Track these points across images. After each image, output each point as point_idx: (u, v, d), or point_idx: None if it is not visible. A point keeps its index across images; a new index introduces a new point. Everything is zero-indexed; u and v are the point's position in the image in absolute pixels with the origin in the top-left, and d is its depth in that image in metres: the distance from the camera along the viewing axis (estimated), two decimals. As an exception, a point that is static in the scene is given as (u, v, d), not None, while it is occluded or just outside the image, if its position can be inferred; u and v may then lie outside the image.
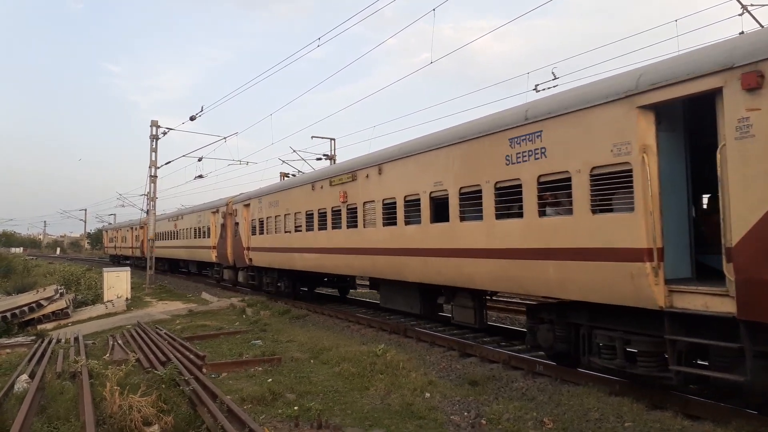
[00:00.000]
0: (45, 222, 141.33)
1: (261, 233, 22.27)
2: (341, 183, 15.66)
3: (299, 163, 37.29)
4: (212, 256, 29.20)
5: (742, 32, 7.34)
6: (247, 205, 24.09)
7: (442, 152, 11.37)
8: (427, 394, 8.59)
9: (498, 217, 9.77)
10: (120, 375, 8.31)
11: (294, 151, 31.22)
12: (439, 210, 11.58)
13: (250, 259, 23.50)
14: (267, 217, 21.68)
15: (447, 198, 11.14)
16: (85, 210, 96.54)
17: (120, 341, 13.69)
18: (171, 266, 43.77)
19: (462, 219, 10.77)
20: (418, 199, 12.05)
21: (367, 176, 14.29)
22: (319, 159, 33.32)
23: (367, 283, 20.01)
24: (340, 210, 15.75)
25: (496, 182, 9.79)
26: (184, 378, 8.74)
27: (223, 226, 27.07)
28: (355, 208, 14.82)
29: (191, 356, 10.91)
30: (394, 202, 13.04)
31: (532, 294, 10.06)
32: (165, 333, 14.16)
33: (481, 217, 10.19)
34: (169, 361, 10.18)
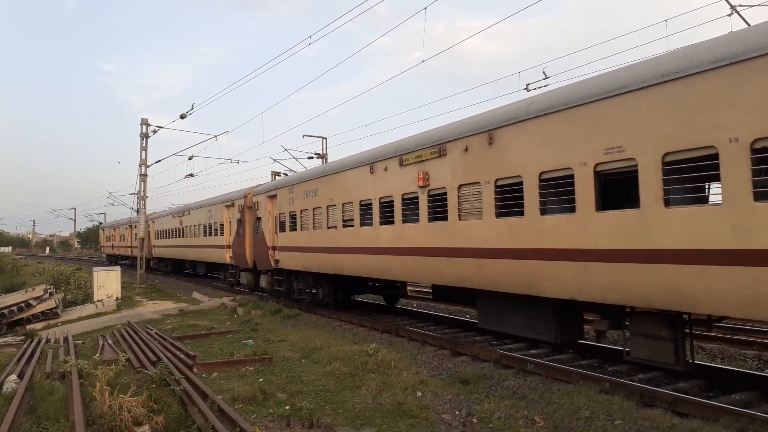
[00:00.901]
0: (34, 221, 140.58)
1: (292, 230, 18.49)
2: (419, 161, 12.06)
3: (290, 162, 36.95)
4: (226, 256, 25.47)
5: (731, 32, 7.36)
6: (273, 197, 20.23)
7: (637, 97, 7.53)
8: (419, 393, 8.61)
9: None
10: (110, 375, 8.27)
11: (285, 149, 31.19)
12: (619, 190, 8.37)
13: (277, 261, 19.76)
14: (301, 210, 17.79)
15: (636, 171, 7.52)
16: (75, 209, 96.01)
17: (110, 341, 13.61)
18: (175, 267, 39.44)
19: (666, 204, 7.21)
20: (570, 176, 8.48)
21: (467, 149, 10.61)
22: (311, 158, 33.25)
23: (427, 290, 19.28)
24: (416, 197, 12.17)
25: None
26: (175, 378, 8.70)
27: (240, 222, 23.32)
28: (444, 193, 11.34)
29: (182, 356, 10.87)
30: (519, 183, 9.44)
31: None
32: (155, 333, 14.09)
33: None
34: (160, 361, 10.13)
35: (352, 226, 14.78)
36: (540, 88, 15.04)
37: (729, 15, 12.06)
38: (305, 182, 17.76)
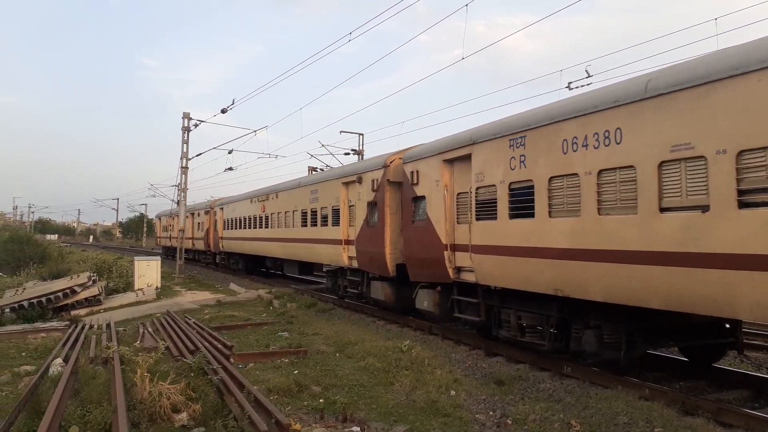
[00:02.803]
0: (79, 210, 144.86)
1: (519, 214, 10.01)
2: None
3: (327, 158, 37.15)
4: (342, 256, 17.57)
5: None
6: (458, 161, 12.02)
7: None
8: (453, 392, 8.56)
9: None
10: (150, 362, 8.45)
11: (322, 145, 31.32)
12: None
13: (459, 270, 12.01)
14: (551, 179, 9.20)
15: None
16: (118, 199, 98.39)
17: (150, 329, 13.95)
18: (249, 265, 31.63)
19: None
20: None
21: None
22: (347, 154, 33.40)
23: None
24: None
25: None
26: (212, 367, 8.86)
27: (373, 205, 15.69)
28: None
29: (219, 346, 11.06)
30: None
31: None
32: (194, 322, 14.38)
33: None
34: (198, 350, 10.34)
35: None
36: (582, 86, 14.75)
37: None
38: (565, 122, 8.94)
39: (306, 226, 21.03)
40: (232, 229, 32.22)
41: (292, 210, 22.81)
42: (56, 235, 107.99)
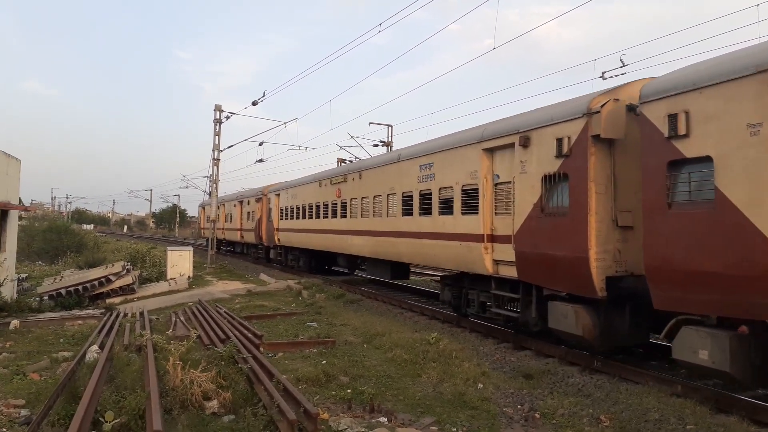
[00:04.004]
0: (114, 201, 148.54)
1: None
2: None
3: (356, 149, 37.08)
4: (483, 259, 11.93)
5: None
6: None
7: None
8: (480, 385, 8.54)
9: None
10: (182, 350, 8.62)
11: (352, 137, 31.36)
12: None
13: None
14: None
15: None
16: (151, 190, 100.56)
17: (182, 318, 14.23)
18: (312, 262, 26.31)
19: None
20: None
21: None
22: (376, 146, 33.39)
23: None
24: None
25: None
26: (243, 356, 8.99)
27: (558, 180, 9.97)
28: None
29: (249, 335, 11.21)
30: None
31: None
32: (224, 311, 14.61)
33: None
34: (228, 339, 10.50)
35: None
36: (617, 76, 14.45)
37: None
38: None
39: (411, 214, 15.06)
40: (291, 218, 26.80)
41: (385, 193, 16.82)
42: (92, 225, 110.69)
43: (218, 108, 32.54)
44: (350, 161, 27.00)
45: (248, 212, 34.61)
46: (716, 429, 6.52)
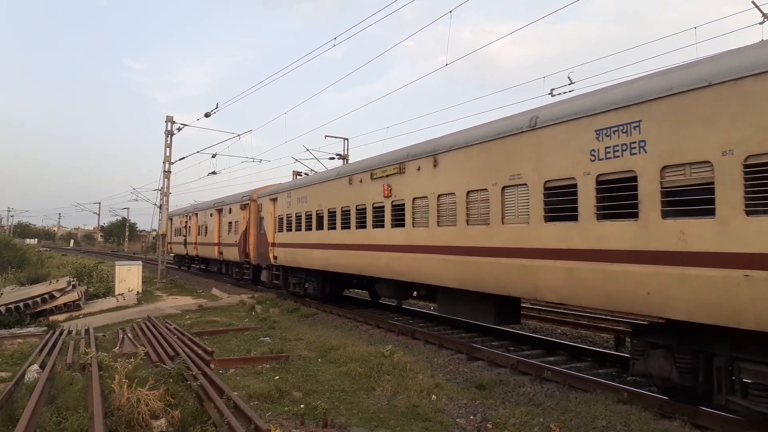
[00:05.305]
0: (59, 214, 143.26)
1: None
2: None
3: (312, 162, 36.97)
4: None
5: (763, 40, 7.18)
6: None
7: None
8: (434, 397, 8.58)
9: None
10: (129, 368, 8.37)
11: (307, 150, 31.27)
12: None
13: None
14: None
15: None
16: (99, 203, 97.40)
17: (130, 334, 13.80)
18: (327, 287, 19.60)
19: None
20: None
21: None
22: (332, 158, 33.40)
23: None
24: None
25: None
26: (192, 373, 8.79)
27: None
28: None
29: (199, 351, 10.97)
30: None
31: None
32: (174, 328, 14.25)
33: None
34: (178, 356, 10.25)
35: None
36: (564, 93, 14.91)
37: (761, 23, 11.85)
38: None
39: (575, 219, 8.61)
40: (295, 230, 20.31)
41: (500, 185, 10.26)
42: (36, 240, 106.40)
43: (170, 119, 31.96)
44: (306, 174, 26.74)
45: (230, 222, 28.47)
46: (660, 434, 6.72)
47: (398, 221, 13.66)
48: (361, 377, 9.69)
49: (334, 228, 17.11)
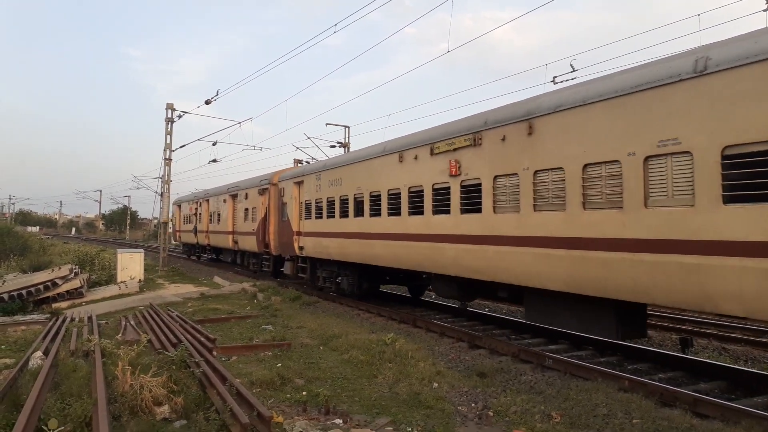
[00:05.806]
0: (61, 202, 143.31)
1: None
2: None
3: (313, 150, 36.88)
4: None
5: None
6: None
7: None
8: (435, 384, 8.61)
9: None
10: (132, 355, 8.40)
11: (308, 137, 31.15)
12: None
13: None
14: None
15: None
16: (100, 191, 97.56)
17: (132, 322, 13.85)
18: (363, 282, 17.34)
19: None
20: None
21: None
22: (333, 146, 33.31)
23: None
24: None
25: None
26: (195, 360, 8.82)
27: None
28: None
29: (202, 339, 11.01)
30: None
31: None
32: (176, 315, 14.30)
33: None
34: (180, 343, 10.28)
35: None
36: (567, 81, 14.81)
37: (765, 10, 11.74)
38: None
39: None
40: (326, 217, 17.96)
41: (642, 155, 7.73)
42: (38, 227, 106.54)
43: (170, 107, 31.85)
44: (307, 162, 25.97)
45: (246, 209, 26.27)
46: (661, 422, 6.74)
47: (471, 205, 11.23)
48: (362, 365, 9.73)
49: (378, 215, 14.73)
